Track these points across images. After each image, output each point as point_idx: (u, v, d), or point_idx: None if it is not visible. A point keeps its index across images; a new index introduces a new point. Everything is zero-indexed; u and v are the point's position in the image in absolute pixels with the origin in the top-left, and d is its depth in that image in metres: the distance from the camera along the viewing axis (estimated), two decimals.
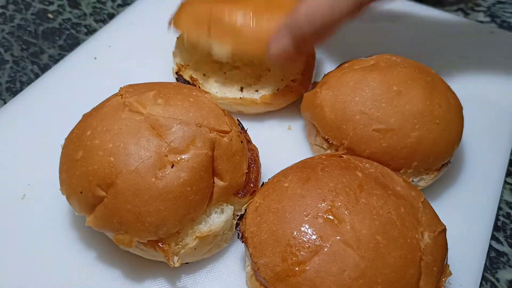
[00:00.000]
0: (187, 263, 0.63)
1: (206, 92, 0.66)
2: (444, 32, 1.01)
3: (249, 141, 0.69)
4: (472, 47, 0.98)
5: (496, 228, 0.73)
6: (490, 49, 0.97)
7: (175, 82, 0.69)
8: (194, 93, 0.65)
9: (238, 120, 0.71)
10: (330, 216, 0.52)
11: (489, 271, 0.68)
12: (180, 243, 0.59)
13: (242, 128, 0.70)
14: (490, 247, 0.70)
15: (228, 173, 0.61)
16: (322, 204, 0.53)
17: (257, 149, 0.69)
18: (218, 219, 0.61)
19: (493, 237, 0.71)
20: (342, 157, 0.62)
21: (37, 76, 0.93)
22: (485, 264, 0.68)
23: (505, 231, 0.73)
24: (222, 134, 0.61)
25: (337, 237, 0.51)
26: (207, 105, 0.63)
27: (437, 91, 0.69)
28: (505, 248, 0.71)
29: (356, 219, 0.52)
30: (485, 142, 0.81)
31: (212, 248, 0.62)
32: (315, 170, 0.58)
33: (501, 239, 0.72)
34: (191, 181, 0.57)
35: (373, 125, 0.66)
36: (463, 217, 0.71)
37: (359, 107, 0.67)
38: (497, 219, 0.74)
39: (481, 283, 0.66)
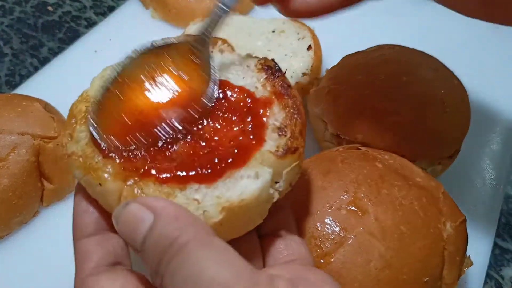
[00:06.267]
0: None
1: (38, 101, 0.70)
2: (448, 26, 0.98)
3: (289, 86, 0.51)
4: (476, 42, 0.97)
5: (500, 225, 0.73)
6: (495, 43, 0.97)
7: (9, 94, 0.72)
8: (24, 103, 0.69)
9: (273, 60, 0.52)
10: (354, 208, 0.52)
11: (493, 269, 0.69)
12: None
13: (279, 70, 0.51)
14: (495, 244, 0.71)
15: (56, 176, 0.66)
16: (345, 196, 0.53)
17: (300, 96, 0.51)
18: (251, 185, 0.42)
19: (497, 234, 0.72)
20: (360, 149, 0.62)
21: (36, 69, 0.91)
22: (490, 262, 0.69)
23: (510, 228, 0.74)
24: (48, 140, 0.66)
25: (362, 228, 0.51)
26: (35, 113, 0.68)
27: (444, 78, 0.70)
28: (509, 245, 0.72)
29: (380, 209, 0.52)
30: (490, 138, 0.81)
31: (243, 225, 0.45)
32: (335, 162, 0.58)
33: (506, 236, 0.73)
34: (13, 186, 0.62)
35: (385, 118, 0.66)
36: (467, 214, 0.70)
37: (370, 101, 0.67)
38: (501, 216, 0.74)
39: (485, 280, 0.67)
